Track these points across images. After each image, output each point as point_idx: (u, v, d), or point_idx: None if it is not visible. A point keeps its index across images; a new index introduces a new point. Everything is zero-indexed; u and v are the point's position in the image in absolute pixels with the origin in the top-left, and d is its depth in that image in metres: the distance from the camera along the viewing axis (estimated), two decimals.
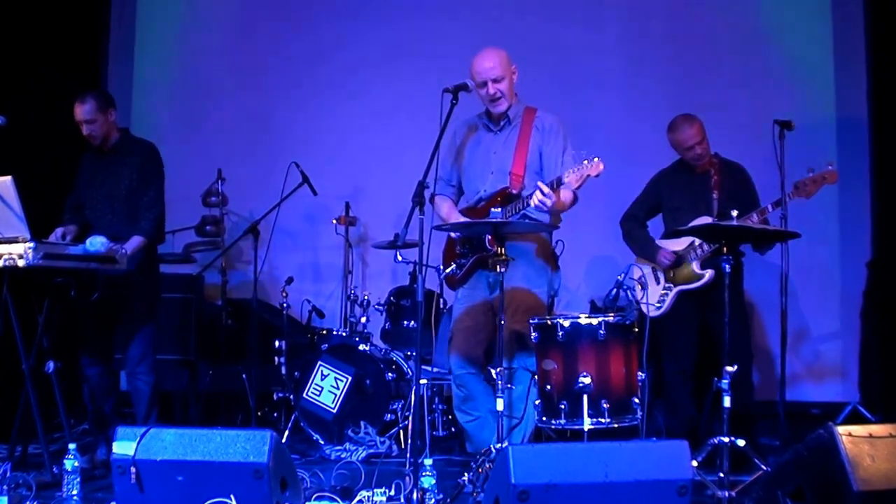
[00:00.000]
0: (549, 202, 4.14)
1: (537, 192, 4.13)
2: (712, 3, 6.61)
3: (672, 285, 5.01)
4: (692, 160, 5.05)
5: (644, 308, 4.69)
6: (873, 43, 6.23)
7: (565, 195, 4.32)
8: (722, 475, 3.83)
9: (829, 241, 6.30)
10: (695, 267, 4.94)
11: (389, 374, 5.51)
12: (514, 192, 4.41)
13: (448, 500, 3.85)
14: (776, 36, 6.46)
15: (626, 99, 6.56)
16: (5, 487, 3.78)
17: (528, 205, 4.22)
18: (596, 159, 4.04)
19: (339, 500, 3.82)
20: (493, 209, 4.30)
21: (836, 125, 6.34)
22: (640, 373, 4.10)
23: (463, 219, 4.53)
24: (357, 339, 5.67)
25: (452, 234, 4.60)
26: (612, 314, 4.09)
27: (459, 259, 4.57)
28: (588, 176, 4.05)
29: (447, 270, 4.60)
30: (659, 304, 5.00)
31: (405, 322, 5.77)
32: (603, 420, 3.95)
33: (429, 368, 5.43)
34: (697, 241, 4.92)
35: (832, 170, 4.60)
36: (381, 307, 5.91)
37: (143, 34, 7.29)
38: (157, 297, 5.04)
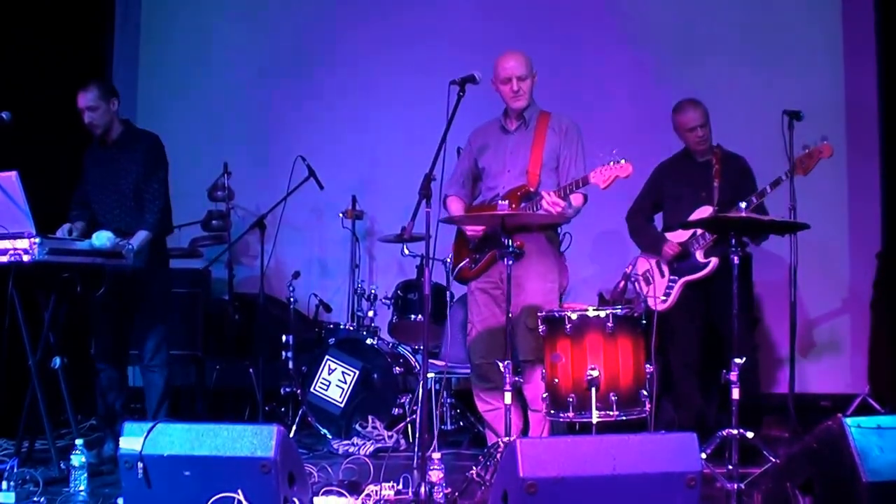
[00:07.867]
0: (555, 210, 4.24)
1: (544, 201, 4.23)
2: None
3: (677, 277, 4.98)
4: (693, 144, 5.03)
5: (651, 302, 4.67)
6: (882, 30, 6.19)
7: (576, 199, 4.41)
8: (731, 467, 3.82)
9: (838, 232, 6.26)
10: (698, 256, 4.91)
11: (397, 368, 5.50)
12: (532, 189, 4.44)
13: (456, 493, 3.84)
14: (784, 24, 6.41)
15: (630, 90, 6.52)
16: (12, 483, 3.78)
17: (540, 207, 4.29)
18: (623, 161, 4.13)
19: (346, 494, 3.81)
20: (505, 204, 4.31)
21: (846, 114, 6.28)
22: (647, 365, 4.09)
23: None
24: (364, 333, 5.66)
25: (467, 231, 4.60)
26: (619, 307, 4.08)
27: (474, 254, 4.59)
28: (617, 177, 4.14)
29: (460, 264, 4.62)
30: (665, 297, 4.98)
31: (412, 316, 5.77)
32: (611, 413, 3.96)
33: (436, 362, 5.41)
34: (700, 230, 4.89)
35: (827, 143, 4.58)
36: (388, 301, 5.90)
37: (148, 27, 7.28)
38: (170, 291, 5.06)
